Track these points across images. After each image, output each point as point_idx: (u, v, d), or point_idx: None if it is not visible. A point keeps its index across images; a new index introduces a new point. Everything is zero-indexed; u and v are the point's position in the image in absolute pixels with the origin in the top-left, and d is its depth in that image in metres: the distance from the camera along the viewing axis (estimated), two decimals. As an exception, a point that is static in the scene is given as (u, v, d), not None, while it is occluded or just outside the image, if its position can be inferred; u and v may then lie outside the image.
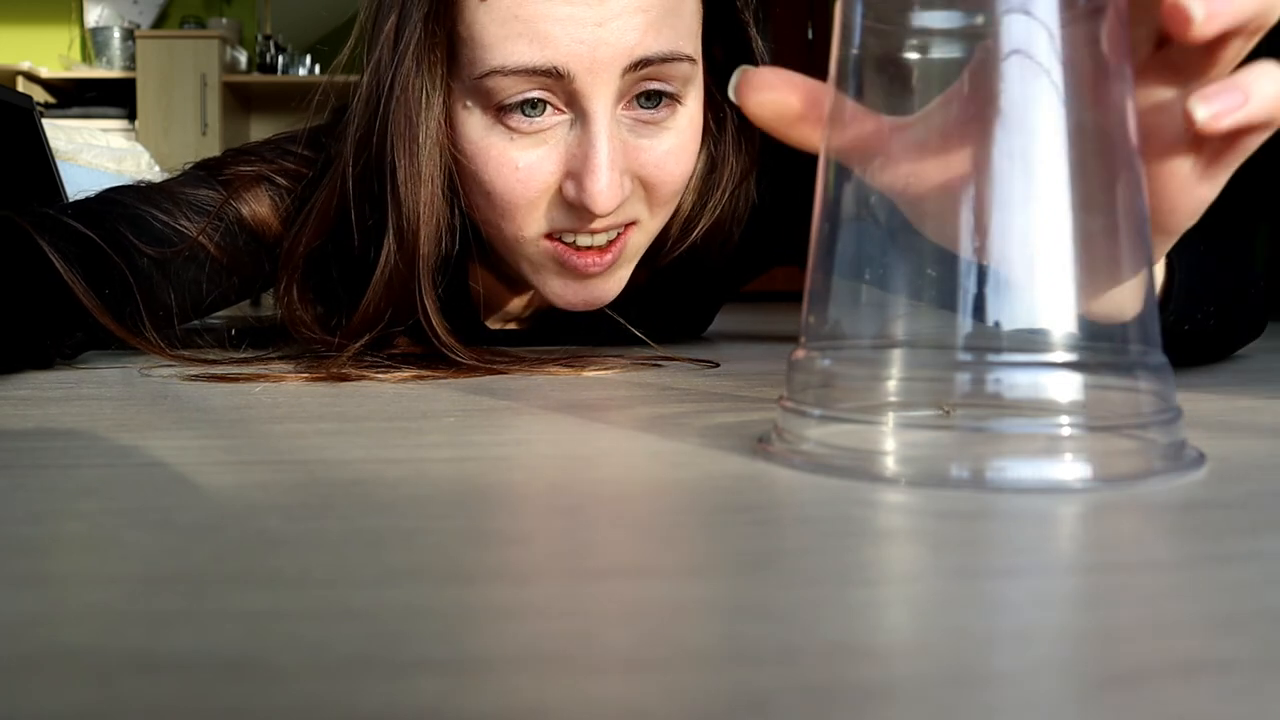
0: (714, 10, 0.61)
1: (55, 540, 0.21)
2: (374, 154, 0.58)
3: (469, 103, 0.57)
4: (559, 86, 0.55)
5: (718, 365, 0.61)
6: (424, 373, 0.54)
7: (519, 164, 0.57)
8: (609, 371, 0.56)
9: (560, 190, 0.58)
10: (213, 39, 3.78)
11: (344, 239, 0.62)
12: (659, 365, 0.60)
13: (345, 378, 0.52)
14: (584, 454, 0.32)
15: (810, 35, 4.19)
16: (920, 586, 0.18)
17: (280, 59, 4.03)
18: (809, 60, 4.16)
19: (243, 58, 4.00)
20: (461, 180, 0.59)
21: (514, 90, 0.55)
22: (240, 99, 3.98)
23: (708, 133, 0.65)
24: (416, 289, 0.58)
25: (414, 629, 0.16)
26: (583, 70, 0.54)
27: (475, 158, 0.58)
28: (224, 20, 4.07)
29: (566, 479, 0.28)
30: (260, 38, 4.10)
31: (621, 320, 0.67)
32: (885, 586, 0.18)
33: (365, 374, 0.53)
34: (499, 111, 0.56)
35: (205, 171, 0.66)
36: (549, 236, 0.60)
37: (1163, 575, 0.18)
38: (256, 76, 3.96)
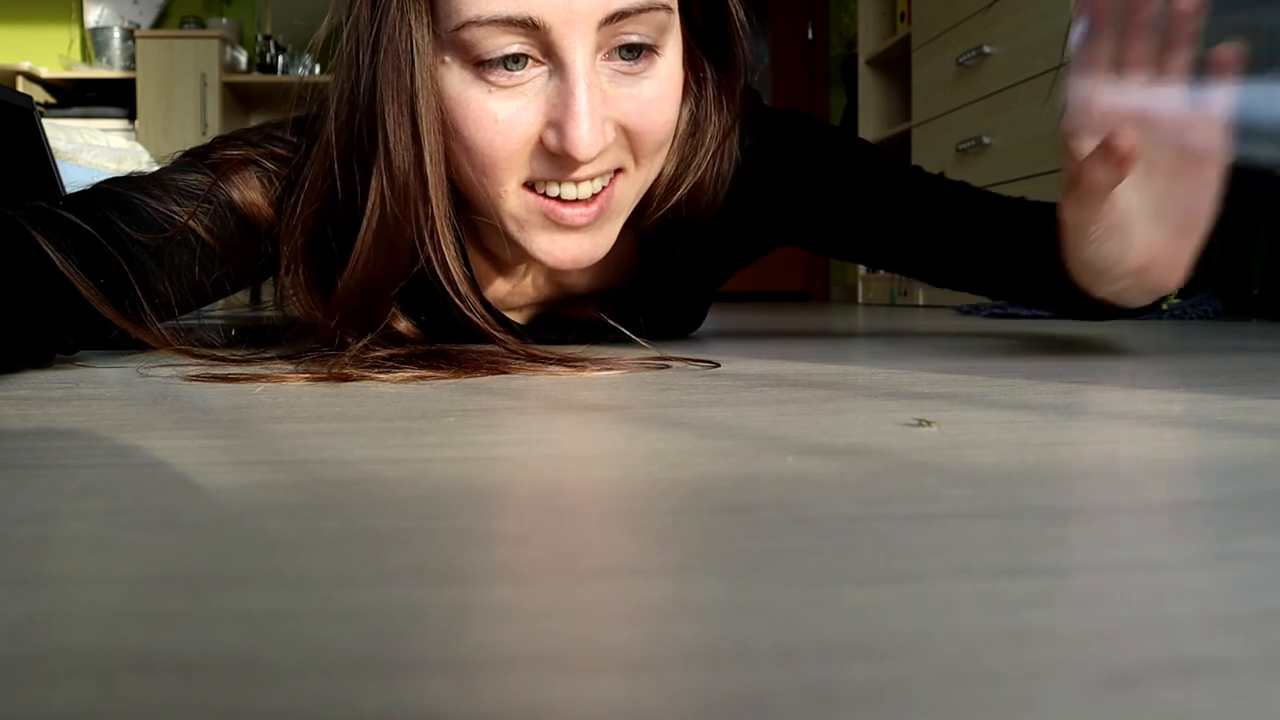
0: None
1: (55, 540, 0.21)
2: (363, 109, 0.58)
3: (447, 57, 0.57)
4: (536, 37, 0.55)
5: (718, 365, 0.61)
6: (424, 373, 0.54)
7: (498, 116, 0.57)
8: (611, 372, 0.56)
9: (541, 141, 0.58)
10: (213, 39, 3.78)
11: (344, 219, 0.62)
12: (661, 366, 0.60)
13: (346, 378, 0.52)
14: (584, 454, 0.32)
15: (810, 35, 4.19)
16: (920, 586, 0.18)
17: (280, 59, 4.03)
18: (809, 60, 4.16)
19: (243, 58, 4.00)
20: (443, 137, 0.59)
21: (491, 43, 0.55)
22: (240, 99, 3.98)
23: (688, 91, 0.66)
24: (414, 234, 0.58)
25: (414, 629, 0.16)
26: (559, 22, 0.54)
27: (454, 112, 0.58)
28: (224, 20, 4.07)
29: (566, 479, 0.28)
30: (260, 38, 4.10)
31: (618, 325, 0.67)
32: (885, 586, 0.18)
33: (366, 374, 0.53)
34: (478, 66, 0.56)
35: (193, 158, 0.66)
36: (532, 190, 0.60)
37: (1163, 575, 0.18)
38: (256, 76, 3.96)
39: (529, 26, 0.54)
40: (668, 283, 0.78)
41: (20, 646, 0.15)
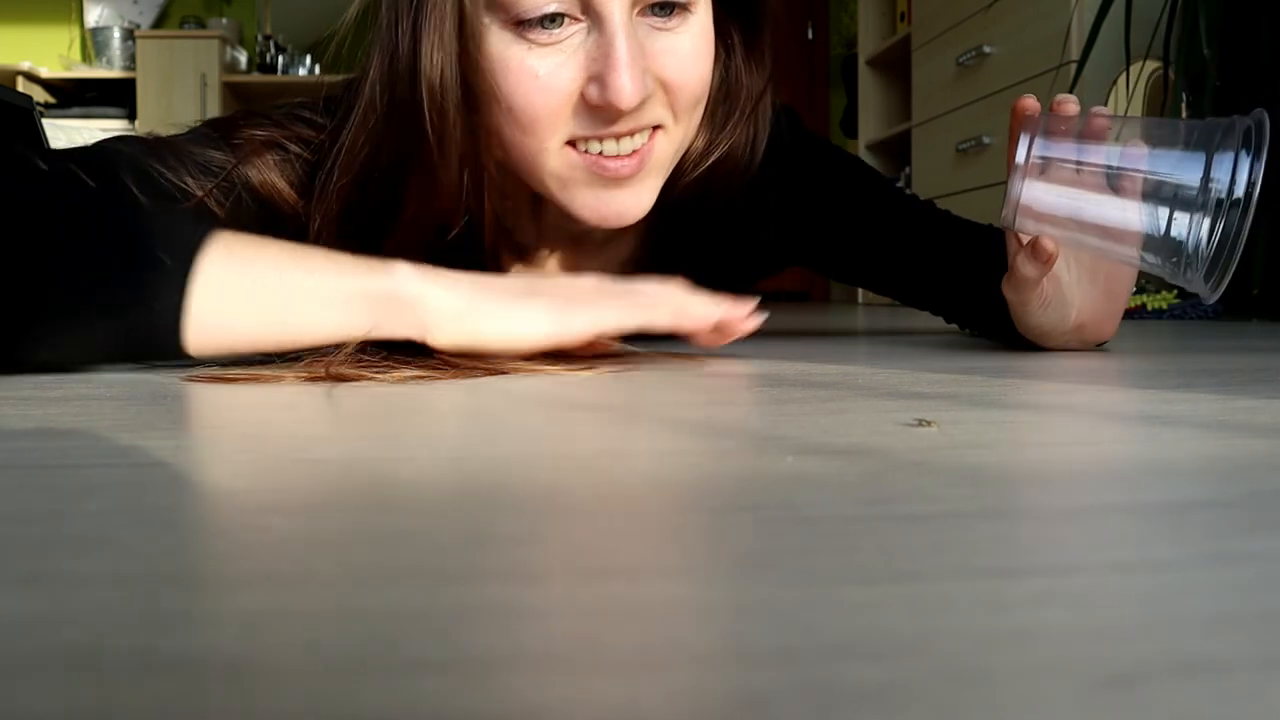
0: None
1: (55, 540, 0.21)
2: (404, 76, 0.59)
3: (486, 18, 0.58)
4: None
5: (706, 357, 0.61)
6: (423, 373, 0.54)
7: (539, 72, 0.58)
8: (611, 372, 0.56)
9: (583, 97, 0.59)
10: (213, 39, 3.78)
11: (379, 189, 0.63)
12: (653, 361, 0.60)
13: (344, 377, 0.52)
14: (584, 454, 0.32)
15: (810, 35, 4.19)
16: (920, 586, 0.18)
17: (280, 59, 4.03)
18: (809, 60, 4.15)
19: (243, 58, 4.00)
20: (480, 101, 0.60)
21: (530, 2, 0.56)
22: (240, 99, 3.98)
23: (718, 56, 0.67)
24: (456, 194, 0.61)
25: (414, 629, 0.16)
26: None
27: (494, 71, 0.59)
28: (224, 20, 4.07)
29: (567, 479, 0.28)
30: (260, 38, 4.10)
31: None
32: (885, 586, 0.18)
33: (363, 374, 0.53)
34: (517, 25, 0.58)
35: (217, 132, 0.65)
36: (574, 147, 0.61)
37: (1163, 575, 0.18)
38: (256, 76, 3.97)
39: None
40: (688, 263, 0.79)
41: (20, 646, 0.15)
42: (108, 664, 0.14)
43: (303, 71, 3.99)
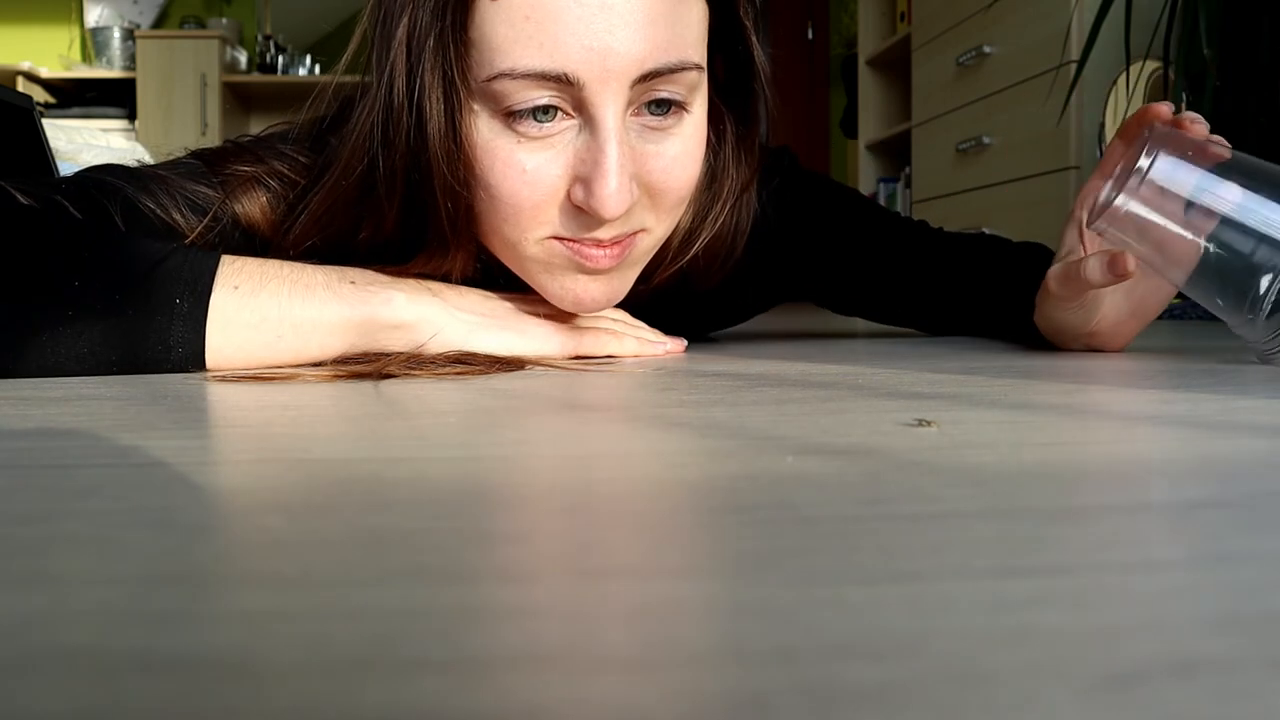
0: (717, 18, 0.62)
1: (55, 540, 0.21)
2: (390, 157, 0.58)
3: (476, 105, 0.57)
4: (569, 93, 0.55)
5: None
6: (462, 369, 0.55)
7: (526, 166, 0.57)
8: (611, 372, 0.57)
9: (568, 196, 0.58)
10: (213, 39, 3.78)
11: (337, 251, 0.63)
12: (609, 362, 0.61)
13: (391, 375, 0.53)
14: (584, 454, 0.32)
15: (810, 35, 4.19)
16: (920, 586, 0.18)
17: (280, 59, 4.04)
18: (809, 60, 4.16)
19: (243, 58, 4.00)
20: (464, 186, 0.59)
21: (523, 95, 0.55)
22: (240, 99, 3.99)
23: (708, 144, 0.65)
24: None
25: (414, 629, 0.16)
26: (593, 79, 0.54)
27: (481, 160, 0.57)
28: (224, 20, 4.08)
29: (566, 479, 0.28)
30: (260, 38, 4.11)
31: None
32: (885, 586, 0.18)
33: (410, 372, 0.53)
34: (507, 116, 0.56)
35: (205, 165, 0.65)
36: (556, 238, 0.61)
37: (1163, 575, 0.18)
38: (256, 76, 3.97)
39: (563, 82, 0.54)
40: (682, 313, 0.80)
41: (20, 646, 0.15)
42: (108, 664, 0.14)
43: (303, 71, 3.99)
